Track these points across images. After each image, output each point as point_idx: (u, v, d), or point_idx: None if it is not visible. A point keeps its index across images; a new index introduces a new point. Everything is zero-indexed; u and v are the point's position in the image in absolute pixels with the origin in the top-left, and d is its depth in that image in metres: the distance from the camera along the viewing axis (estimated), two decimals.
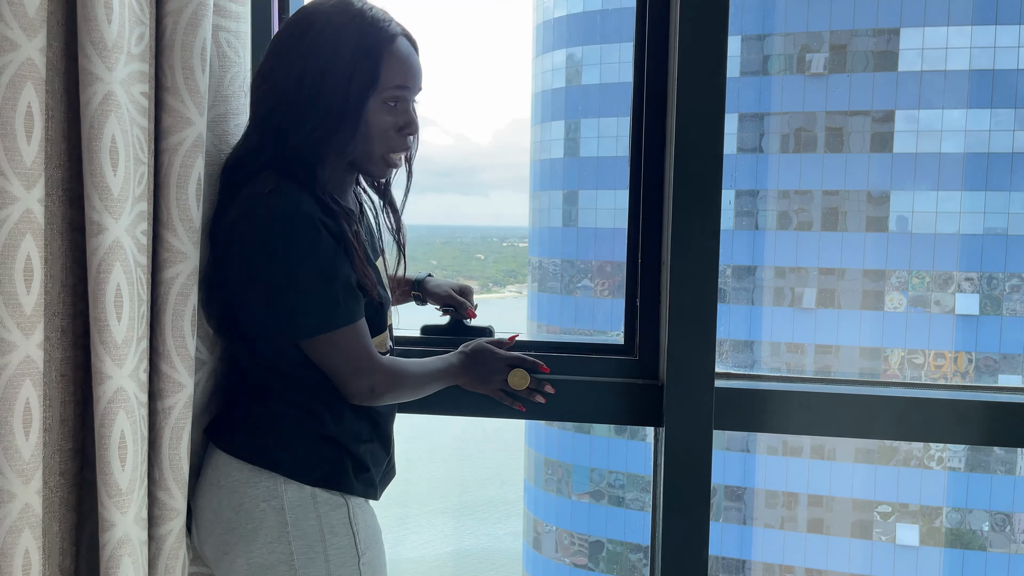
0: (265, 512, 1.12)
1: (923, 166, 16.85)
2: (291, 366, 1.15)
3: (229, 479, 1.15)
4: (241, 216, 1.10)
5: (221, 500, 1.15)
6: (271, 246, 1.07)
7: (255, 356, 1.18)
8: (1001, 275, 16.52)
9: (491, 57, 50.32)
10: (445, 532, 21.39)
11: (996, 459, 16.15)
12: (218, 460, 1.18)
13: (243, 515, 1.13)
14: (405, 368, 1.18)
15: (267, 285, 1.08)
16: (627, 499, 17.41)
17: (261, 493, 1.13)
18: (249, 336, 1.16)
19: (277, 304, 1.09)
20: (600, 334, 18.37)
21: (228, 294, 1.15)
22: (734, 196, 17.55)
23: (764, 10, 17.55)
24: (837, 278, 17.19)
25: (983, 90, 16.58)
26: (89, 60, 1.03)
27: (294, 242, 1.06)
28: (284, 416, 1.16)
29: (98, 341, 1.06)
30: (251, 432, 1.17)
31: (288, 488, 1.13)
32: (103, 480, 1.08)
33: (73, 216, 1.10)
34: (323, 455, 1.16)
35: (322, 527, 1.13)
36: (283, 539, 1.12)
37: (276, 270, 1.07)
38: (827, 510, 16.83)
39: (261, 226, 1.08)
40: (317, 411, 1.16)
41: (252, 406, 1.19)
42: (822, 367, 17.09)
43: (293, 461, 1.14)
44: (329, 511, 1.14)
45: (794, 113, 17.39)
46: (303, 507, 1.13)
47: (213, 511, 1.16)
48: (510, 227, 13.49)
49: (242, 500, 1.13)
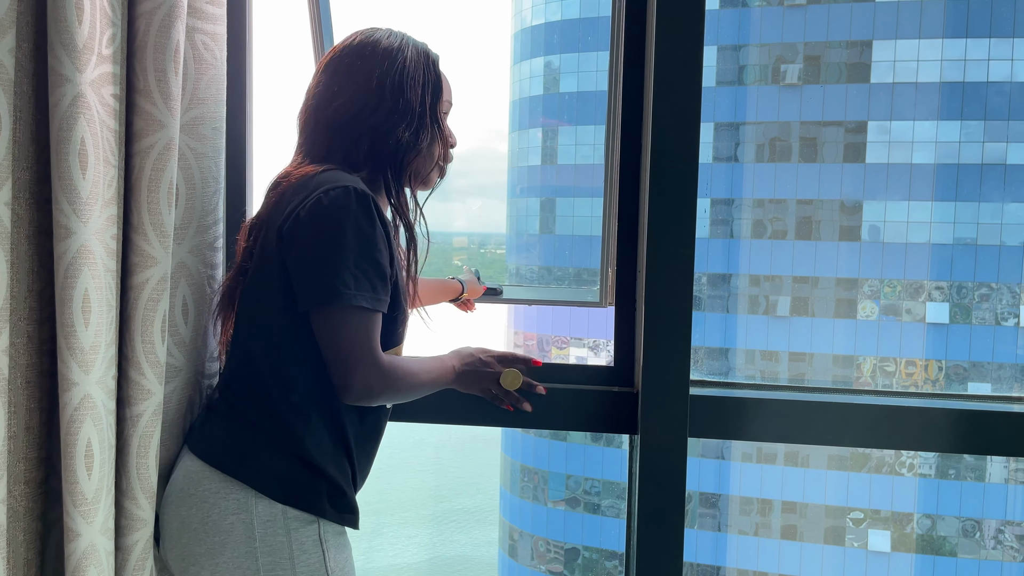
0: (233, 525, 1.10)
1: (895, 176, 17.12)
2: (280, 382, 1.13)
3: (199, 488, 1.12)
4: (318, 198, 1.09)
5: (189, 509, 1.13)
6: (334, 223, 1.08)
7: (250, 365, 1.15)
8: (970, 284, 16.81)
9: (468, 63, 50.17)
10: (421, 540, 21.28)
11: (966, 466, 16.39)
12: (191, 468, 1.15)
13: (210, 526, 1.11)
14: (403, 369, 1.15)
15: (324, 245, 1.08)
16: (603, 506, 17.44)
17: (231, 506, 1.11)
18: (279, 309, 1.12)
19: (325, 264, 1.07)
20: (577, 341, 18.46)
21: (288, 261, 1.11)
22: (709, 205, 17.69)
23: (740, 21, 17.75)
24: (811, 286, 17.39)
25: (953, 102, 16.89)
26: (59, 61, 1.02)
27: (359, 223, 1.08)
28: (263, 431, 1.14)
29: (65, 347, 1.04)
30: (229, 442, 1.15)
31: (259, 503, 1.10)
32: (68, 489, 1.06)
33: (40, 220, 1.08)
34: (297, 475, 1.13)
35: (291, 544, 1.10)
36: (250, 555, 1.09)
37: (336, 236, 1.07)
38: (801, 516, 16.97)
39: (336, 202, 1.08)
40: (297, 432, 1.13)
41: (234, 418, 1.16)
42: (796, 374, 17.26)
43: (267, 477, 1.12)
44: (299, 527, 1.11)
45: (769, 123, 17.60)
46: (272, 523, 1.10)
47: (180, 520, 1.14)
48: (488, 233, 13.51)
49: (210, 511, 1.11)
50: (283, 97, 2.08)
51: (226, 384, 1.19)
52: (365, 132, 1.15)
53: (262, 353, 1.14)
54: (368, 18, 1.47)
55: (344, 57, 1.18)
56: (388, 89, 1.15)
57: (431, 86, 1.18)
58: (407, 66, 1.15)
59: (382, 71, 1.15)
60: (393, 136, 1.15)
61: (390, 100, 1.15)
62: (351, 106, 1.15)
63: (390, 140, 1.15)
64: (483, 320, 1.61)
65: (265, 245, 1.14)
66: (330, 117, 1.16)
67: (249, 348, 1.16)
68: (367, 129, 1.15)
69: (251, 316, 1.16)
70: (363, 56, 1.16)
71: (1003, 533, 16.31)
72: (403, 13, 54.07)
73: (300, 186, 1.13)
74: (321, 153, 1.18)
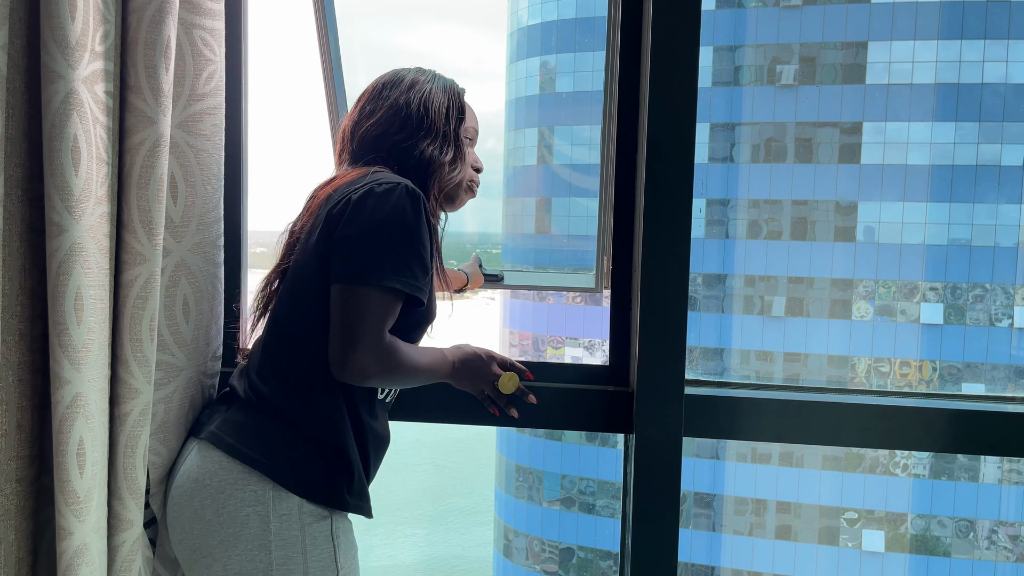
0: (249, 518, 1.11)
1: (890, 177, 17.16)
2: (305, 373, 1.15)
3: (215, 479, 1.13)
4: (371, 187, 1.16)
5: (204, 500, 1.13)
6: (383, 212, 1.14)
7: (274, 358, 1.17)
8: (965, 285, 16.85)
9: (464, 61, 49.73)
10: (416, 540, 21.27)
11: (959, 466, 16.43)
12: (206, 459, 1.15)
13: (225, 518, 1.11)
14: (403, 353, 1.17)
15: (371, 227, 1.13)
16: (597, 506, 17.45)
17: (248, 497, 1.11)
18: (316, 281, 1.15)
19: (368, 243, 1.13)
20: (572, 340, 18.46)
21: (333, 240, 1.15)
22: (705, 205, 17.71)
23: (736, 22, 17.77)
24: (806, 287, 17.41)
25: (948, 103, 16.93)
26: (51, 58, 1.01)
27: (406, 213, 1.15)
28: (282, 425, 1.15)
29: (57, 345, 1.03)
30: (250, 432, 1.15)
31: (276, 496, 1.12)
32: (60, 487, 1.05)
33: (33, 217, 1.08)
34: (319, 464, 1.15)
35: (304, 538, 1.12)
36: (264, 547, 1.11)
37: (384, 221, 1.13)
38: (795, 516, 17.00)
39: (388, 192, 1.15)
40: (322, 418, 1.15)
41: (259, 409, 1.17)
42: (791, 375, 17.28)
43: (288, 467, 1.13)
44: (313, 522, 1.13)
45: (764, 123, 17.62)
46: (288, 516, 1.12)
47: (193, 511, 1.14)
48: (483, 233, 13.58)
49: (226, 502, 1.12)
50: (280, 94, 2.07)
51: (248, 376, 1.20)
52: (394, 147, 1.25)
53: (287, 345, 1.17)
54: (366, 18, 1.48)
55: (379, 88, 1.31)
56: (414, 109, 1.27)
57: (455, 110, 1.30)
58: (433, 91, 1.29)
59: (408, 96, 1.28)
60: (417, 150, 1.25)
61: (415, 119, 1.26)
62: (381, 124, 1.27)
63: (415, 153, 1.25)
64: (478, 318, 1.62)
65: (309, 236, 1.19)
66: (363, 134, 1.27)
67: (274, 340, 1.19)
68: (394, 144, 1.25)
69: (282, 310, 1.20)
70: (395, 85, 1.30)
71: (996, 533, 16.37)
72: (401, 13, 53.88)
73: (352, 181, 1.20)
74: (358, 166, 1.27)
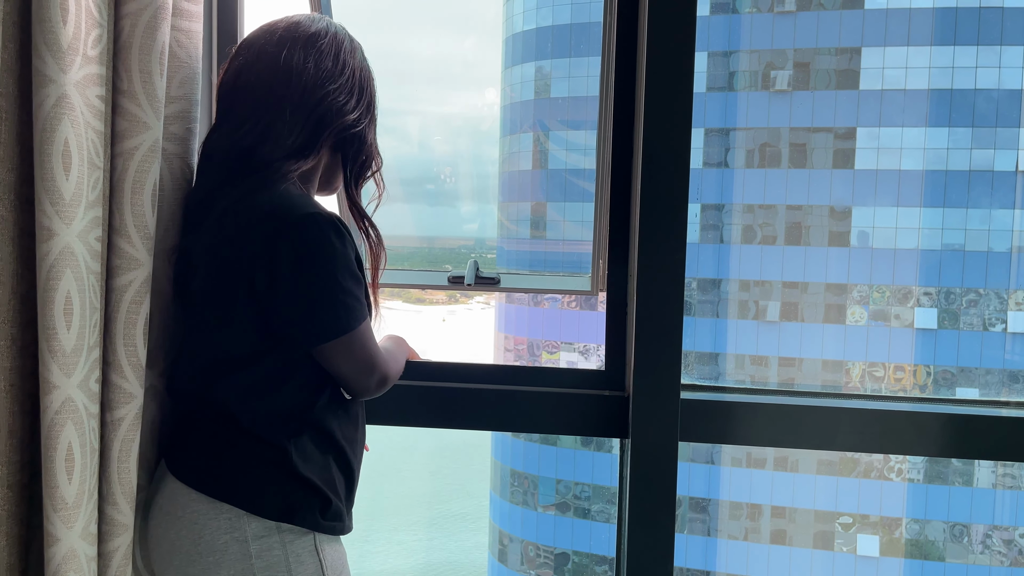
0: (228, 544, 1.09)
1: (883, 182, 17.20)
2: (260, 405, 1.12)
3: (187, 510, 1.11)
4: (289, 228, 1.06)
5: (179, 531, 1.11)
6: (315, 264, 1.06)
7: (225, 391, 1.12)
8: (958, 290, 16.89)
9: (458, 65, 50.43)
10: (410, 546, 21.21)
11: (954, 471, 16.45)
12: (174, 489, 1.13)
13: (203, 547, 1.10)
14: (391, 357, 1.22)
15: (314, 287, 1.07)
16: (593, 511, 17.41)
17: (223, 525, 1.10)
18: (277, 336, 1.10)
19: (321, 305, 1.07)
20: (567, 345, 18.44)
21: (266, 296, 1.09)
22: (700, 210, 17.73)
23: (730, 27, 17.82)
24: (800, 292, 17.43)
25: (941, 109, 16.99)
26: (43, 62, 1.01)
27: (335, 251, 1.07)
28: (250, 452, 1.12)
29: (46, 350, 1.03)
30: (214, 465, 1.13)
31: (251, 520, 1.10)
32: (49, 493, 1.04)
33: (25, 222, 1.07)
34: (289, 493, 1.12)
35: (287, 556, 1.10)
36: (247, 571, 1.09)
37: (324, 275, 1.06)
38: (790, 521, 16.99)
39: (313, 240, 1.06)
40: (285, 449, 1.12)
41: (216, 441, 1.14)
42: (786, 379, 17.28)
43: (257, 496, 1.11)
44: (294, 539, 1.11)
45: (759, 129, 17.65)
46: (267, 537, 1.10)
47: (170, 541, 1.12)
48: (478, 237, 13.62)
49: (202, 532, 1.10)
50: None
51: (200, 407, 1.15)
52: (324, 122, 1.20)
53: (236, 380, 1.12)
54: (363, 19, 1.47)
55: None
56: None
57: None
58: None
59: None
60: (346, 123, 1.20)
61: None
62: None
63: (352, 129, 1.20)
64: (472, 322, 1.61)
65: (215, 258, 1.10)
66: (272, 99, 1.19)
67: (219, 375, 1.13)
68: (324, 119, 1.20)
69: (212, 340, 1.13)
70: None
71: (991, 538, 16.39)
72: (396, 15, 53.80)
73: (252, 205, 1.09)
74: (278, 133, 1.17)
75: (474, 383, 1.49)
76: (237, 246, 1.08)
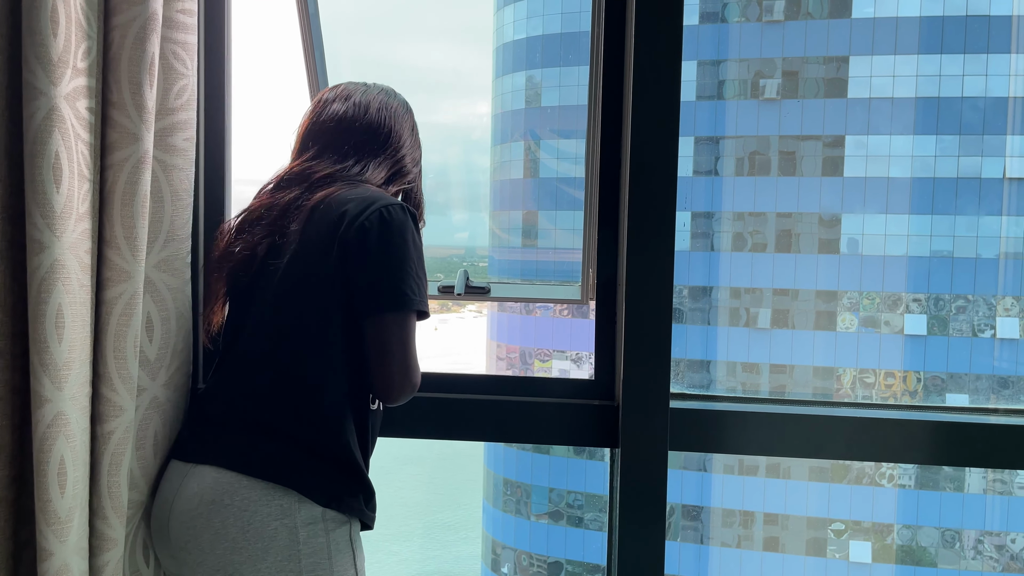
0: (277, 531, 1.13)
1: (872, 190, 17.30)
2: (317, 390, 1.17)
3: (237, 498, 1.14)
4: (377, 217, 1.19)
5: (225, 520, 1.13)
6: (401, 237, 1.19)
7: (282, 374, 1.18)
8: (947, 296, 16.98)
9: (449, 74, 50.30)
10: (403, 556, 21.09)
11: (945, 476, 16.50)
12: (220, 480, 1.15)
13: (251, 534, 1.12)
14: None
15: (394, 256, 1.18)
16: (586, 519, 17.37)
17: (274, 512, 1.13)
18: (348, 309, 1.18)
19: (395, 272, 1.17)
20: (559, 353, 18.43)
21: (350, 270, 1.18)
22: (690, 218, 17.79)
23: (719, 36, 17.92)
24: (791, 299, 17.49)
25: (929, 117, 17.13)
26: (32, 74, 1.00)
27: (413, 240, 1.21)
28: (302, 439, 1.17)
29: (37, 363, 1.02)
30: (268, 451, 1.17)
31: (302, 507, 1.14)
32: (41, 507, 1.03)
33: (14, 234, 1.07)
34: (339, 479, 1.18)
35: (329, 544, 1.15)
36: (293, 557, 1.13)
37: (403, 248, 1.18)
38: (782, 528, 16.99)
39: (397, 223, 1.19)
40: (335, 437, 1.17)
41: (269, 428, 1.18)
42: (777, 386, 17.32)
43: (311, 481, 1.15)
44: (335, 528, 1.16)
45: (748, 137, 17.74)
46: (314, 524, 1.15)
47: (214, 531, 1.14)
48: (469, 246, 13.48)
49: (251, 519, 1.13)
50: (265, 107, 2.06)
51: (242, 399, 1.20)
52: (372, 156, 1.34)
53: (297, 361, 1.18)
54: (357, 27, 1.49)
55: (350, 95, 1.38)
56: (385, 126, 1.34)
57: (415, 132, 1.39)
58: (397, 108, 1.37)
59: (380, 115, 1.35)
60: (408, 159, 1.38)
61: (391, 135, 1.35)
62: (356, 132, 1.34)
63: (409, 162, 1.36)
64: (465, 331, 1.62)
65: (307, 255, 1.19)
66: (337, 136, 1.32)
67: (280, 356, 1.19)
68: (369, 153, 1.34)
69: (282, 325, 1.20)
70: (363, 93, 1.37)
71: (982, 544, 16.43)
72: (387, 24, 53.61)
73: (345, 198, 1.21)
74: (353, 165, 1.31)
75: (465, 393, 1.49)
76: (332, 223, 1.20)
